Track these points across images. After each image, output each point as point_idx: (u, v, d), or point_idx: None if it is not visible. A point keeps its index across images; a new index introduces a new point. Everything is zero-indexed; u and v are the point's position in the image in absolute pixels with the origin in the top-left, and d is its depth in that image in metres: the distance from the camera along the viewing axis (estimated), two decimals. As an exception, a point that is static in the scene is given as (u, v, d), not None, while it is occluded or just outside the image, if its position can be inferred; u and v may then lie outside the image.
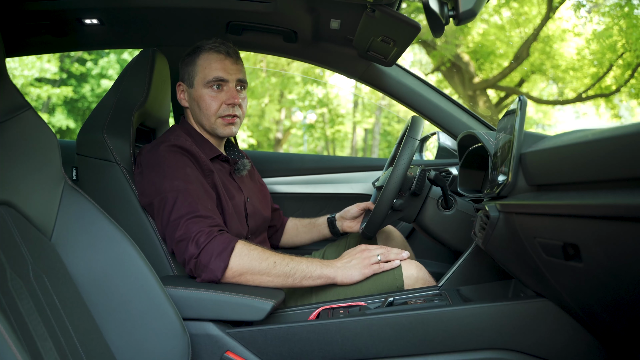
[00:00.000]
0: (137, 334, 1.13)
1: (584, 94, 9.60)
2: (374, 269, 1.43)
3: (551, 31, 9.57)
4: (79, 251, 1.14)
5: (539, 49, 9.58)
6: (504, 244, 1.15)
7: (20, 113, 1.13)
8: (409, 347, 1.20)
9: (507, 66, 9.91)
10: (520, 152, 1.10)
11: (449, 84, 11.21)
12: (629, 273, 0.78)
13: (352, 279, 1.41)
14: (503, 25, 10.05)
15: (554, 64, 9.72)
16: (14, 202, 1.05)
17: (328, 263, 1.43)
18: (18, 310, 0.91)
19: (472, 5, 1.21)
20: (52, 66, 9.93)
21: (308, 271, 1.38)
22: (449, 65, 10.40)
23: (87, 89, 10.92)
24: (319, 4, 1.63)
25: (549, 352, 1.17)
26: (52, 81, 10.45)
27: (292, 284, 1.37)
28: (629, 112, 9.99)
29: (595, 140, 0.80)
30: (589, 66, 9.36)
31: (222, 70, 1.55)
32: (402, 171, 1.49)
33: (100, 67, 10.67)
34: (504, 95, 10.64)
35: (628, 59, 8.65)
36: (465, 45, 10.29)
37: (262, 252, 1.36)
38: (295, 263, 1.37)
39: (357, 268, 1.42)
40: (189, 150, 1.47)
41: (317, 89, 13.25)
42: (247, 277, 1.32)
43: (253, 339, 1.25)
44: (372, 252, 1.45)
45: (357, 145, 15.11)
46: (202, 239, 1.30)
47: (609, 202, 0.74)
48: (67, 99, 10.72)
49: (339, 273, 1.41)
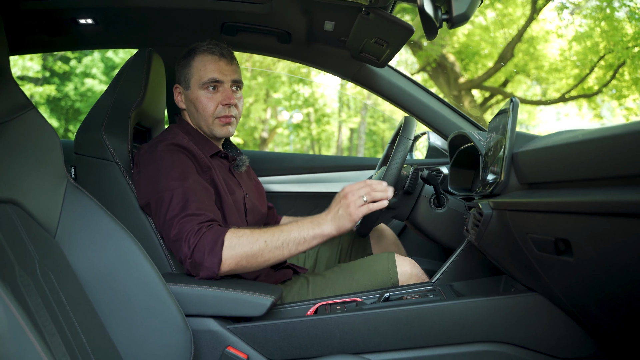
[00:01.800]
0: (140, 330, 1.15)
1: (567, 95, 9.77)
2: (363, 212, 1.37)
3: (535, 32, 9.71)
4: (82, 249, 1.15)
5: (523, 49, 9.72)
6: (497, 240, 1.20)
7: (24, 113, 1.14)
8: (405, 340, 1.24)
9: (492, 66, 10.03)
10: (512, 152, 1.14)
11: (434, 84, 11.31)
12: (617, 267, 0.83)
13: (346, 227, 1.37)
14: (487, 26, 10.16)
15: (538, 65, 9.87)
16: (19, 201, 1.06)
17: (318, 221, 1.39)
18: (27, 307, 0.93)
19: (465, 9, 1.25)
20: (35, 64, 9.79)
21: (300, 236, 1.36)
22: (434, 65, 10.50)
23: (70, 87, 10.79)
24: (314, 6, 1.66)
25: (540, 344, 1.21)
26: (35, 79, 10.31)
27: (290, 253, 1.36)
28: (610, 112, 10.18)
29: (585, 140, 0.85)
30: (572, 67, 9.53)
31: (216, 72, 1.57)
32: (396, 170, 1.53)
33: (84, 66, 10.55)
34: (488, 95, 10.77)
35: (610, 60, 8.82)
36: (450, 46, 10.39)
37: (251, 234, 1.35)
38: (286, 234, 1.35)
39: (347, 216, 1.36)
40: (187, 148, 1.48)
41: (303, 89, 13.25)
42: (244, 264, 1.32)
43: (253, 334, 1.28)
44: (357, 194, 1.38)
45: (342, 144, 15.14)
46: (192, 238, 1.31)
47: (599, 199, 0.78)
48: (50, 98, 10.58)
49: (332, 226, 1.37)
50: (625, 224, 0.74)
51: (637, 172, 0.71)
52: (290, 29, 1.86)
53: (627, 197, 0.72)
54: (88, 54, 10.51)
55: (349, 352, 1.25)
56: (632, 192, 0.71)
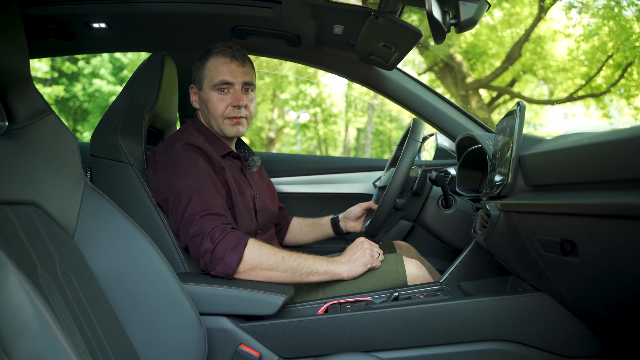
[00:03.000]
0: (156, 329, 1.18)
1: (574, 94, 9.73)
2: (375, 264, 1.52)
3: (542, 32, 9.68)
4: (100, 249, 1.18)
5: (530, 49, 9.70)
6: (504, 241, 1.22)
7: (43, 117, 1.18)
8: (414, 339, 1.27)
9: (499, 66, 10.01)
10: (519, 154, 1.16)
11: (441, 84, 11.30)
12: (621, 268, 0.85)
13: (357, 272, 1.50)
14: (495, 25, 10.14)
15: (545, 65, 9.84)
16: (39, 202, 1.10)
17: (333, 260, 1.50)
18: (49, 305, 0.96)
19: (472, 14, 1.28)
20: (44, 65, 9.89)
21: (314, 267, 1.45)
22: (441, 65, 10.49)
23: (78, 88, 10.89)
24: (323, 10, 1.68)
25: (546, 343, 1.24)
26: (43, 80, 10.41)
27: (300, 279, 1.44)
28: (618, 111, 10.13)
29: (590, 144, 0.87)
30: (580, 66, 9.49)
31: (227, 74, 1.61)
32: (405, 172, 1.56)
33: (92, 66, 10.64)
34: (496, 95, 10.75)
35: (618, 59, 8.78)
36: (457, 45, 10.38)
37: (271, 248, 1.43)
38: (302, 259, 1.45)
39: (360, 262, 1.51)
40: (202, 148, 1.52)
41: (310, 89, 13.28)
42: (258, 272, 1.39)
43: (266, 332, 1.31)
44: (374, 246, 1.55)
45: (349, 144, 15.16)
46: (217, 234, 1.36)
47: (603, 202, 0.80)
48: (59, 98, 10.69)
49: (344, 269, 1.49)
50: (628, 226, 0.76)
51: (637, 175, 0.73)
52: (300, 32, 1.89)
53: (630, 200, 0.74)
54: (96, 55, 10.58)
55: (359, 350, 1.27)
56: (635, 195, 0.74)
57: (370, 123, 14.06)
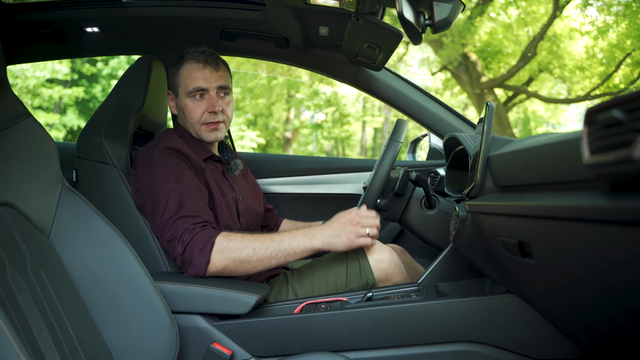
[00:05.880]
0: (128, 326, 1.21)
1: (592, 93, 9.55)
2: (360, 243, 1.46)
3: (559, 30, 9.53)
4: (76, 249, 1.22)
5: (546, 47, 9.55)
6: (473, 242, 1.22)
7: (21, 120, 1.21)
8: (383, 339, 1.27)
9: (515, 65, 9.88)
10: (488, 155, 1.16)
11: (456, 83, 11.20)
12: (571, 269, 0.85)
13: (338, 249, 1.45)
14: (511, 24, 10.01)
15: (562, 63, 9.68)
16: (14, 203, 1.13)
17: (313, 234, 1.45)
18: (17, 303, 0.99)
19: (447, 15, 1.28)
20: (64, 67, 10.08)
21: (290, 248, 1.42)
22: (456, 64, 10.39)
23: (98, 89, 11.07)
24: (306, 12, 1.70)
25: (516, 345, 1.23)
26: (64, 82, 10.61)
27: (278, 263, 1.42)
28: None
29: (543, 145, 0.87)
30: (598, 65, 9.31)
31: (201, 80, 1.61)
32: (385, 173, 1.56)
33: (110, 68, 10.81)
34: (512, 94, 10.61)
35: (637, 57, 8.59)
36: (472, 44, 10.27)
37: (242, 240, 1.40)
38: (276, 244, 1.41)
39: (345, 240, 1.44)
40: (181, 151, 1.54)
41: (325, 88, 13.28)
42: (231, 268, 1.39)
43: (238, 331, 1.33)
44: (363, 223, 1.46)
45: (366, 144, 15.11)
46: (186, 237, 1.38)
47: (549, 204, 0.80)
48: (79, 100, 10.88)
49: (324, 243, 1.44)
50: (572, 227, 0.76)
51: (583, 177, 0.73)
52: (287, 34, 1.91)
53: (571, 201, 0.74)
54: (115, 57, 10.77)
55: (329, 350, 1.28)
56: (576, 197, 0.73)
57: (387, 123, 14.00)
